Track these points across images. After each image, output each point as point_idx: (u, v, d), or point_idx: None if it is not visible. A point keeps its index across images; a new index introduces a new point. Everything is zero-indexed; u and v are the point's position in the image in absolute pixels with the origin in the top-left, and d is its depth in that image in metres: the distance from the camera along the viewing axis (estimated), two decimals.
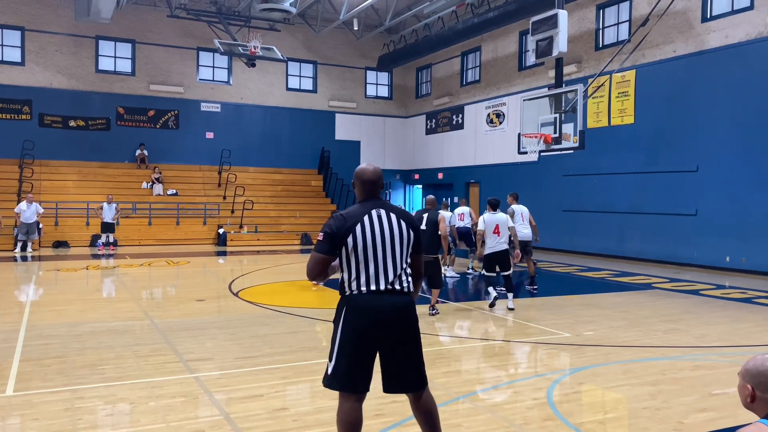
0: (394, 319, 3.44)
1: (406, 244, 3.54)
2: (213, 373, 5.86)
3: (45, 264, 15.48)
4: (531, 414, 4.83)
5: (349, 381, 3.45)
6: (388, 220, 3.53)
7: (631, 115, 17.05)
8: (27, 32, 22.27)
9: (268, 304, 9.74)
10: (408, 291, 3.53)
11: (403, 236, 3.53)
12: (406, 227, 3.55)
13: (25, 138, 21.74)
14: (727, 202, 14.64)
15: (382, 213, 3.54)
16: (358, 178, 3.65)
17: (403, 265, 3.52)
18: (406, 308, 3.49)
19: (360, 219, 3.50)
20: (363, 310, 3.43)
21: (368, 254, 3.46)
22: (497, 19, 19.79)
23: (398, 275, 3.49)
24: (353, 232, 3.46)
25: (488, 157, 23.07)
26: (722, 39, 14.93)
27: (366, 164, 3.72)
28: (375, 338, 3.44)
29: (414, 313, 3.55)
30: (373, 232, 3.48)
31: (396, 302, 3.46)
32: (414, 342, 3.53)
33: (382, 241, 3.48)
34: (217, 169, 24.66)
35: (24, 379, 5.57)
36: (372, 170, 3.65)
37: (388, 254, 3.48)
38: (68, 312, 9.01)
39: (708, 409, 4.96)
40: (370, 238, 3.46)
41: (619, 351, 6.93)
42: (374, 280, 3.45)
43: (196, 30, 24.18)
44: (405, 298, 3.51)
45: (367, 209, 3.55)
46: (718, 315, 9.25)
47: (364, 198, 3.64)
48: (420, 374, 3.54)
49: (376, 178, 3.65)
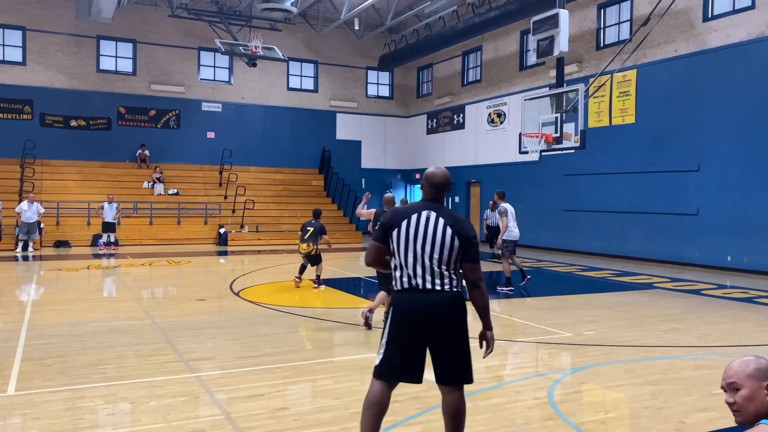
0: (428, 317, 3.54)
1: (448, 249, 3.56)
2: (214, 372, 5.87)
3: (46, 264, 15.50)
4: (532, 413, 4.83)
5: (389, 372, 3.61)
6: (434, 223, 3.60)
7: (632, 115, 17.04)
8: (28, 32, 22.28)
9: (269, 303, 9.74)
10: (448, 289, 3.57)
11: (446, 242, 3.56)
12: (451, 233, 3.58)
13: (26, 138, 21.76)
14: (728, 202, 14.63)
15: (432, 215, 3.62)
16: (426, 179, 3.77)
17: (442, 268, 3.57)
18: (440, 308, 3.55)
19: (408, 216, 3.64)
20: (401, 306, 3.61)
21: (408, 251, 3.60)
22: (498, 19, 19.78)
23: (436, 276, 3.56)
24: (398, 227, 3.63)
25: (489, 156, 23.06)
26: (723, 38, 14.92)
27: (435, 168, 3.81)
28: (412, 333, 3.57)
29: (452, 313, 3.57)
30: (416, 232, 3.60)
31: (429, 300, 3.55)
32: (449, 342, 3.58)
33: (423, 242, 3.58)
34: (218, 169, 24.67)
35: (25, 379, 5.58)
36: (441, 175, 3.76)
37: (426, 255, 3.57)
38: (69, 311, 9.01)
39: (709, 409, 4.95)
40: (413, 236, 3.60)
41: (620, 351, 6.93)
42: (413, 277, 3.58)
43: (197, 30, 24.19)
44: (440, 297, 3.55)
45: (419, 209, 3.67)
46: (720, 315, 9.25)
47: (425, 198, 3.76)
48: (458, 370, 3.60)
49: (443, 182, 3.75)
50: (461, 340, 3.60)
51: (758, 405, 2.09)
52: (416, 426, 4.51)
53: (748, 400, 2.11)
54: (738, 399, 2.13)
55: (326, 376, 5.80)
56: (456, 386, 3.63)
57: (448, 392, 3.64)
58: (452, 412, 3.63)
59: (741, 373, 2.14)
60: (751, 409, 2.10)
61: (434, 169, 3.78)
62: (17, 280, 13.22)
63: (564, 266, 15.93)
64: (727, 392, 2.19)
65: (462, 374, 3.61)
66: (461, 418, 3.65)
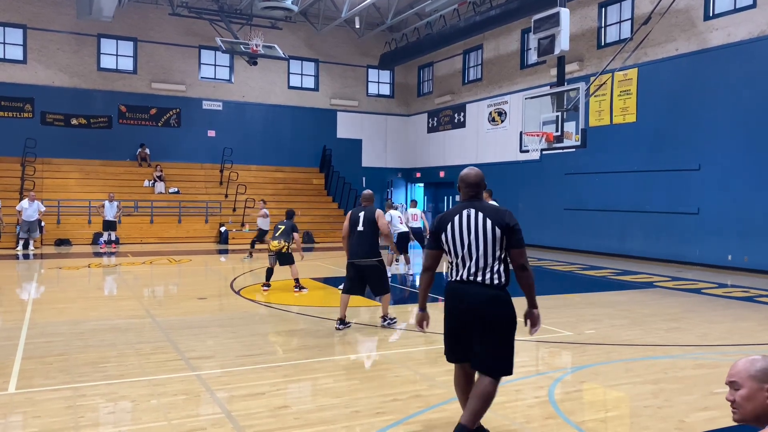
0: (473, 307, 3.88)
1: (491, 240, 3.90)
2: (214, 371, 5.87)
3: (47, 262, 15.50)
4: (532, 412, 4.83)
5: (448, 354, 4.09)
6: (475, 218, 3.95)
7: (633, 114, 17.02)
8: (29, 30, 22.28)
9: (270, 302, 9.74)
10: (492, 284, 3.88)
11: (488, 233, 3.90)
12: (491, 225, 3.90)
13: (27, 136, 21.77)
14: (729, 201, 14.62)
15: (472, 212, 3.98)
16: (462, 180, 4.13)
17: (488, 260, 3.90)
18: (484, 300, 3.87)
19: (452, 218, 4.03)
20: (451, 296, 4.02)
21: (456, 248, 3.97)
22: (499, 18, 19.76)
23: (482, 269, 3.89)
24: (445, 229, 4.03)
25: (490, 155, 23.04)
26: (724, 37, 14.91)
27: (469, 169, 4.16)
28: (458, 320, 3.96)
29: (495, 305, 3.87)
30: (461, 229, 3.96)
31: (475, 293, 3.88)
32: (489, 332, 3.87)
33: (468, 237, 3.93)
34: (218, 168, 24.68)
35: (26, 377, 5.58)
36: (474, 174, 4.12)
37: (473, 249, 3.91)
38: (70, 310, 9.02)
39: (710, 408, 4.95)
40: (458, 234, 3.96)
41: (621, 349, 6.93)
42: (461, 270, 3.95)
43: (198, 28, 24.18)
44: (486, 291, 3.87)
45: (461, 209, 4.05)
46: (720, 314, 9.24)
47: (464, 198, 4.13)
48: (490, 361, 3.90)
49: (478, 181, 4.10)
50: (499, 332, 3.89)
51: (756, 405, 2.10)
52: (417, 425, 4.51)
53: (746, 400, 2.12)
54: (737, 398, 2.14)
55: (327, 374, 5.81)
56: (487, 374, 3.88)
57: (481, 376, 3.94)
58: (477, 393, 3.88)
59: (744, 372, 2.14)
60: (749, 408, 2.11)
61: (468, 171, 4.14)
62: (18, 279, 13.23)
63: (564, 265, 15.93)
64: (729, 389, 2.20)
65: (495, 364, 3.89)
66: (486, 403, 3.89)
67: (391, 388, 5.42)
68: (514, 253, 3.93)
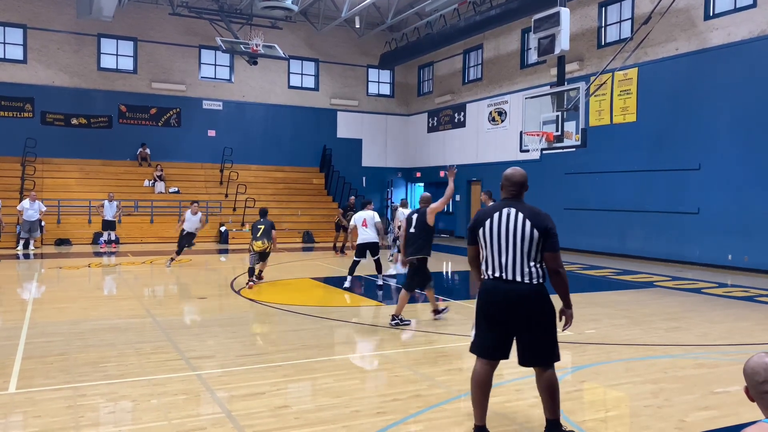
0: (511, 305, 3.96)
1: (528, 241, 3.96)
2: (215, 370, 5.87)
3: (47, 262, 15.51)
4: (533, 412, 4.83)
5: (479, 348, 4.13)
6: (515, 218, 4.01)
7: (633, 113, 17.02)
8: (29, 30, 22.28)
9: (270, 302, 9.74)
10: (529, 282, 3.95)
11: (525, 234, 3.97)
12: (530, 226, 3.97)
13: (28, 136, 21.77)
14: (729, 201, 14.62)
15: (512, 212, 4.04)
16: (506, 179, 4.18)
17: (524, 259, 3.97)
18: (522, 297, 3.95)
19: (491, 215, 4.08)
20: (488, 293, 4.06)
21: (493, 246, 4.04)
22: (499, 17, 19.76)
23: (518, 267, 3.97)
24: (483, 226, 4.09)
25: (490, 155, 23.05)
26: (725, 37, 14.90)
27: (512, 169, 4.21)
28: (497, 317, 4.02)
29: (533, 302, 3.96)
30: (499, 228, 4.02)
31: (512, 290, 3.96)
32: (532, 327, 3.98)
33: (506, 236, 4.00)
34: (218, 167, 24.68)
35: (26, 377, 5.59)
36: (519, 174, 4.19)
37: (510, 248, 3.99)
38: (70, 310, 9.02)
39: (710, 408, 4.95)
40: (496, 233, 4.03)
41: (621, 349, 6.93)
42: (497, 268, 4.02)
43: (198, 28, 24.18)
44: (525, 287, 3.95)
45: (500, 207, 4.10)
46: (720, 313, 9.25)
47: (505, 197, 4.17)
48: (538, 354, 4.04)
49: (522, 181, 4.18)
50: (544, 325, 4.00)
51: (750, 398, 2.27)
52: (417, 424, 4.52)
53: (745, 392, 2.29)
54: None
55: (326, 374, 5.81)
56: (542, 367, 4.05)
57: (539, 372, 4.08)
58: (545, 387, 4.05)
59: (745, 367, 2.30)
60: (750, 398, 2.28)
61: (512, 170, 4.19)
62: (18, 278, 13.23)
63: (565, 264, 15.90)
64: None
65: (546, 354, 4.04)
66: (555, 393, 4.05)
67: (391, 388, 5.43)
68: (548, 257, 4.02)
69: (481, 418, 4.14)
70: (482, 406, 4.12)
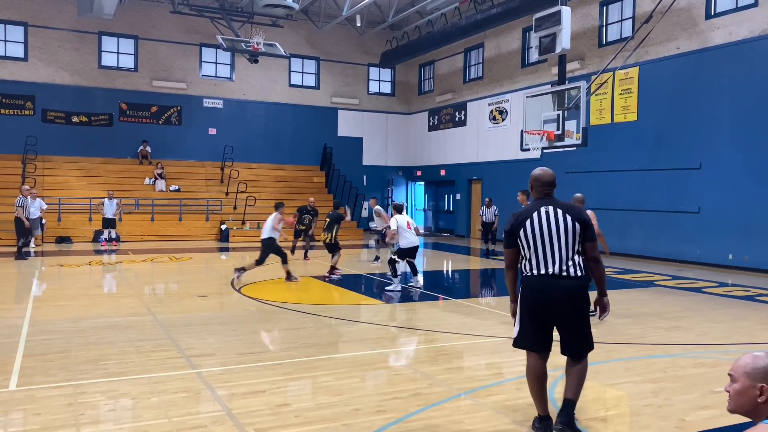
0: (557, 299, 4.12)
1: (572, 234, 4.15)
2: (215, 368, 5.88)
3: (48, 259, 15.51)
4: (533, 410, 4.82)
5: (526, 342, 4.27)
6: (555, 215, 4.18)
7: (634, 113, 17.01)
8: (30, 28, 22.28)
9: (270, 300, 9.75)
10: (574, 276, 4.12)
11: (568, 228, 4.15)
12: (571, 221, 4.16)
13: (28, 133, 21.78)
14: (730, 200, 14.61)
15: (550, 209, 4.20)
16: (536, 180, 4.31)
17: (569, 253, 4.14)
18: (571, 290, 4.12)
19: (530, 215, 4.21)
20: (534, 289, 4.19)
21: (537, 244, 4.16)
22: (500, 16, 19.75)
23: (564, 261, 4.12)
24: (524, 226, 4.20)
25: (490, 154, 23.04)
26: (726, 36, 14.89)
27: (540, 170, 4.34)
28: (544, 312, 4.17)
29: (579, 294, 4.15)
30: (541, 226, 4.16)
31: (559, 285, 4.11)
32: (576, 318, 4.18)
33: (549, 233, 4.14)
34: (219, 166, 24.68)
35: (27, 374, 5.59)
36: (549, 174, 4.32)
37: (555, 244, 4.14)
38: (71, 307, 9.02)
39: (710, 407, 4.95)
40: (538, 231, 4.16)
41: (621, 348, 6.93)
42: (543, 264, 4.15)
43: (199, 26, 24.17)
44: (569, 282, 4.12)
45: (537, 206, 4.24)
46: (721, 313, 9.25)
47: (538, 197, 4.31)
48: (579, 345, 4.24)
49: (552, 180, 4.31)
50: (586, 318, 4.22)
51: (746, 401, 2.21)
52: (417, 422, 4.52)
53: (738, 394, 2.23)
54: (731, 390, 2.26)
55: (327, 372, 5.81)
56: (581, 356, 4.26)
57: (573, 362, 4.27)
58: (578, 370, 4.25)
59: (741, 368, 2.24)
60: (740, 402, 2.23)
61: (541, 171, 4.32)
62: (19, 276, 13.24)
63: None
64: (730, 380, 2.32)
65: (586, 347, 4.26)
66: (584, 377, 4.27)
67: (392, 387, 5.43)
68: (589, 247, 4.22)
69: (545, 409, 4.28)
70: (543, 397, 4.27)
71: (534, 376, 4.26)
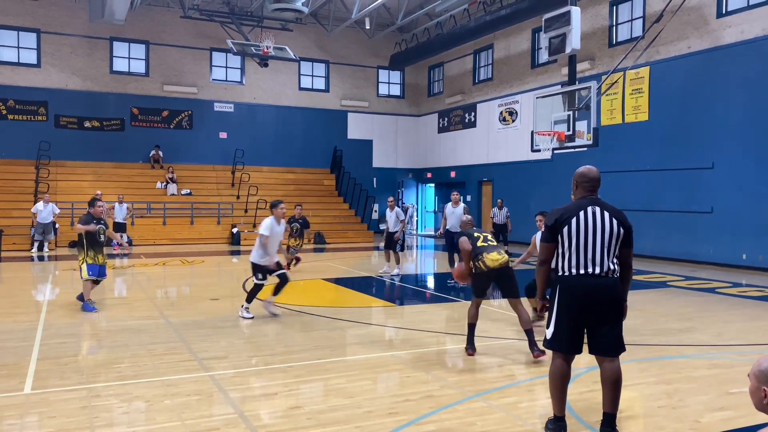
0: (597, 298, 4.09)
1: (615, 238, 4.13)
2: (227, 371, 5.90)
3: (61, 264, 15.64)
4: (546, 412, 4.80)
5: (560, 344, 4.20)
6: (601, 216, 4.15)
7: (646, 112, 16.92)
8: (43, 34, 22.50)
9: (282, 302, 9.77)
10: (612, 276, 4.12)
11: (613, 231, 4.13)
12: (617, 224, 4.15)
13: (41, 139, 21.98)
14: (743, 200, 14.49)
15: (597, 210, 4.17)
16: (583, 177, 4.29)
17: (610, 255, 4.12)
18: (608, 290, 4.10)
19: (576, 213, 4.17)
20: (572, 289, 4.14)
21: (580, 243, 4.12)
22: (510, 17, 19.70)
23: (606, 262, 4.10)
24: (569, 224, 4.16)
25: (501, 155, 22.99)
26: (738, 34, 14.77)
27: (586, 168, 4.32)
28: (582, 312, 4.11)
29: (616, 295, 4.13)
30: (586, 226, 4.13)
31: (600, 284, 4.09)
32: (613, 318, 4.13)
33: (593, 234, 4.12)
34: (230, 169, 24.78)
35: (41, 378, 5.64)
36: (596, 172, 4.31)
37: (597, 245, 4.11)
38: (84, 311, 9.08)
39: (725, 408, 4.91)
40: (583, 230, 4.13)
41: (635, 349, 6.88)
42: (584, 264, 4.11)
43: (209, 30, 24.30)
44: (608, 281, 4.11)
45: (584, 205, 4.20)
46: (735, 313, 9.17)
47: (583, 195, 4.28)
48: (615, 343, 4.16)
49: (598, 177, 4.30)
50: (619, 319, 4.18)
51: (756, 401, 2.29)
52: (429, 425, 4.51)
53: (751, 394, 2.32)
54: (748, 389, 2.35)
55: (338, 374, 5.82)
56: (612, 357, 4.16)
57: (608, 361, 4.16)
58: (613, 379, 4.15)
59: (752, 370, 2.31)
60: (754, 401, 2.31)
61: (587, 169, 4.31)
62: (33, 280, 13.35)
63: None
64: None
65: (620, 346, 4.19)
66: (620, 385, 4.17)
67: (403, 389, 5.42)
68: (627, 253, 4.22)
69: (562, 409, 4.27)
70: (563, 399, 4.26)
71: (559, 376, 4.24)
